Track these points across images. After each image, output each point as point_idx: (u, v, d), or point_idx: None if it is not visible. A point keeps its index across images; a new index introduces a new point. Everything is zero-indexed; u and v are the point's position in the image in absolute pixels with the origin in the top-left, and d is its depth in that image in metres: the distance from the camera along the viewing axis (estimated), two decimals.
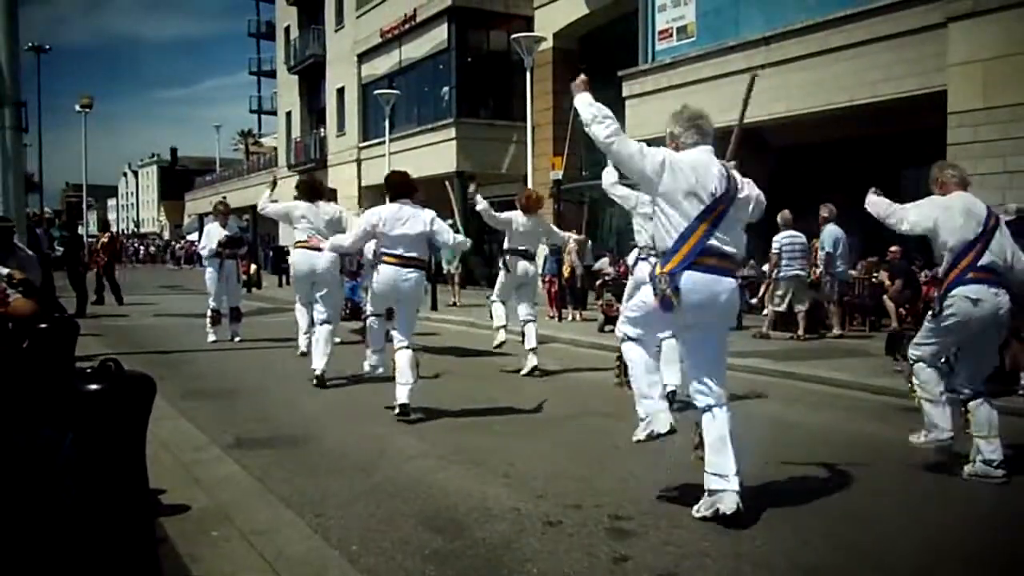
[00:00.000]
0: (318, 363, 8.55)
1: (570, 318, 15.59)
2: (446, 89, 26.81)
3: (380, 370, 7.86)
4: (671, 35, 17.61)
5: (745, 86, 5.75)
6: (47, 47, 40.14)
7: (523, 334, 9.46)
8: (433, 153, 26.30)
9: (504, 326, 9.70)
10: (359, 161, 32.35)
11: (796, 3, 14.94)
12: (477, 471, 5.42)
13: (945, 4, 12.21)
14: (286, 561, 3.69)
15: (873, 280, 13.52)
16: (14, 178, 9.59)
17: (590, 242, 15.74)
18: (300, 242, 9.26)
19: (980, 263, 5.27)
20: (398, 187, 7.37)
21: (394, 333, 7.18)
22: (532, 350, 9.38)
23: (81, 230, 29.74)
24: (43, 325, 4.19)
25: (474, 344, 10.49)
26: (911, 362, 5.68)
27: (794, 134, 16.24)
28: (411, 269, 7.07)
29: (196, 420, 6.74)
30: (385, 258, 7.08)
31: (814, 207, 12.90)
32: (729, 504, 4.25)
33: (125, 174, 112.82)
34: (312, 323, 9.27)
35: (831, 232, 12.43)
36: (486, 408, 7.41)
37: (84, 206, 51.06)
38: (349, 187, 32.40)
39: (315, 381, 8.45)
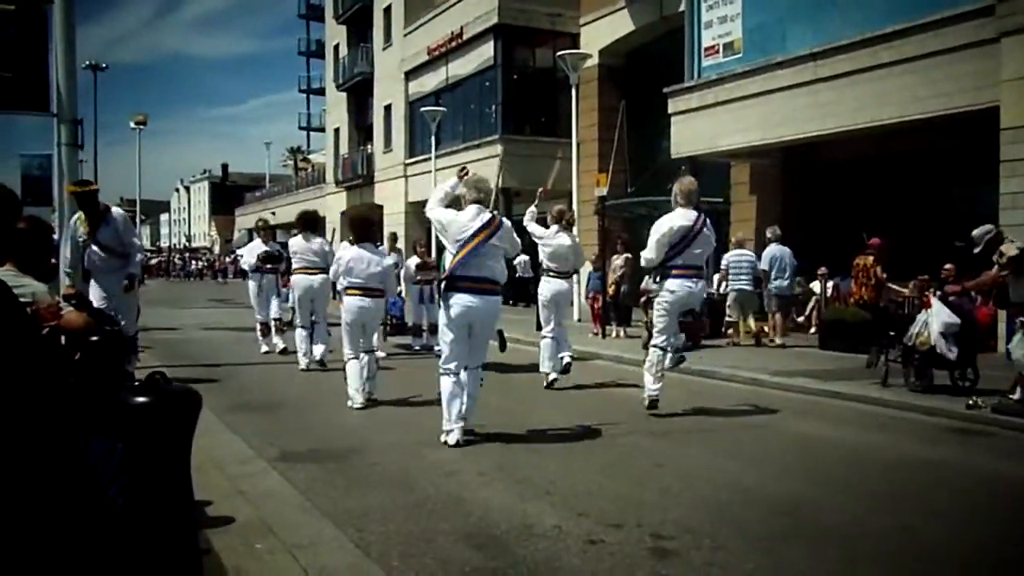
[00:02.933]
0: (317, 353, 11.19)
1: (614, 335, 15.52)
2: (494, 107, 26.95)
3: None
4: (717, 51, 17.52)
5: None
6: (104, 65, 41.09)
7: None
8: (479, 169, 26.28)
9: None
10: (406, 177, 32.62)
11: (843, 19, 14.77)
12: (518, 488, 5.41)
13: (998, 19, 12.00)
14: (328, 575, 3.71)
15: (925, 299, 13.25)
16: (70, 194, 9.80)
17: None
18: (298, 268, 11.25)
19: None
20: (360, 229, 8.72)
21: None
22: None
23: None
24: (94, 338, 4.27)
25: (514, 359, 10.48)
26: None
27: (844, 149, 16.06)
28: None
29: (242, 433, 6.82)
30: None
31: (863, 222, 12.77)
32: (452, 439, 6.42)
33: (177, 190, 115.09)
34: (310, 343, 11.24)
35: (769, 252, 14.10)
36: (527, 425, 7.40)
37: (138, 221, 52.06)
38: (395, 203, 32.69)
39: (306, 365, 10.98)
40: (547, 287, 9.85)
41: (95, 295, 8.66)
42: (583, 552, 4.20)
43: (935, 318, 8.50)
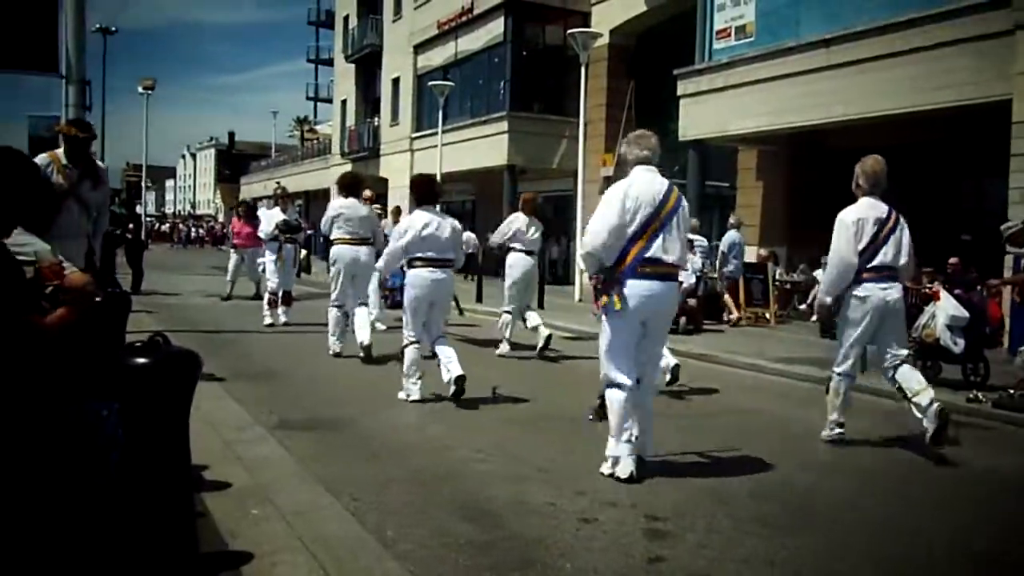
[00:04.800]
0: (365, 337, 9.30)
1: None
2: (502, 84, 26.82)
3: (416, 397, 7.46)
4: (729, 34, 17.40)
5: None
6: (114, 29, 40.90)
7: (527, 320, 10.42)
8: (485, 146, 26.34)
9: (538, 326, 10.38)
10: (412, 151, 32.52)
11: (857, 6, 14.65)
12: (514, 465, 5.42)
13: (1014, 11, 11.89)
14: (323, 543, 3.72)
15: (927, 291, 13.24)
16: None
17: None
18: (339, 238, 9.75)
19: None
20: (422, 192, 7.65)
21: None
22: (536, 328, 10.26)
23: (139, 209, 30.29)
24: (97, 299, 4.26)
25: (515, 338, 10.49)
26: None
27: (853, 138, 15.96)
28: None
29: (240, 400, 6.83)
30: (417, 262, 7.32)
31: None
32: (624, 469, 4.98)
33: (184, 156, 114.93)
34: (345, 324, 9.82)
35: (729, 236, 15.47)
36: (524, 403, 7.41)
37: (144, 186, 52.01)
38: (401, 177, 32.58)
39: (363, 354, 9.24)
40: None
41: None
42: (577, 530, 4.21)
43: (942, 311, 8.47)
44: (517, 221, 10.47)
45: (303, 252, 25.54)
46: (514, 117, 25.88)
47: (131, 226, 17.86)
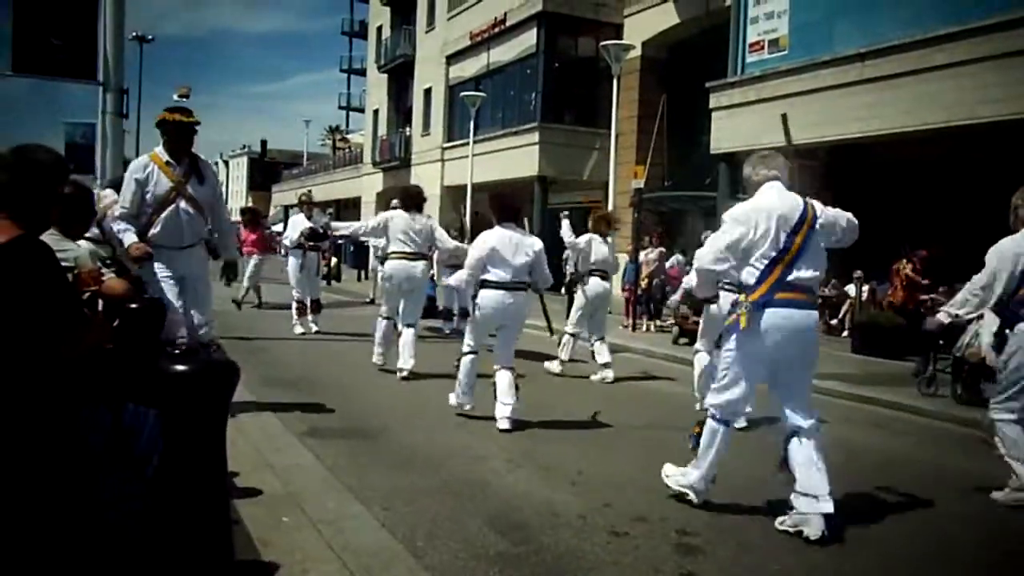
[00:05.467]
0: (408, 363, 8.78)
1: (644, 328, 15.46)
2: (534, 95, 26.87)
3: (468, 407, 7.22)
4: (762, 47, 17.31)
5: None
6: (150, 37, 41.43)
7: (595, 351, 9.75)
8: (516, 156, 26.39)
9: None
10: (443, 161, 32.64)
11: (892, 19, 14.52)
12: (545, 476, 5.41)
13: None
14: (353, 552, 3.73)
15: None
16: (112, 162, 9.87)
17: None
18: (396, 252, 9.15)
19: None
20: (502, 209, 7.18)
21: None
22: (606, 365, 9.61)
23: None
24: (134, 305, 4.32)
25: (546, 349, 10.46)
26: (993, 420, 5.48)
27: (890, 152, 15.82)
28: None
29: (272, 407, 6.87)
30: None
31: (908, 224, 12.56)
32: (815, 529, 4.28)
33: (216, 163, 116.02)
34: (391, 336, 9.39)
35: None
36: (556, 414, 7.39)
37: None
38: (432, 186, 32.68)
39: (400, 376, 8.78)
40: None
41: (161, 275, 6.00)
42: (607, 543, 4.19)
43: (987, 329, 8.32)
44: (592, 242, 9.91)
45: (333, 260, 25.75)
46: (545, 128, 25.91)
47: None
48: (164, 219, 6.04)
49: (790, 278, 4.52)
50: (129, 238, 5.86)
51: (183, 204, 6.05)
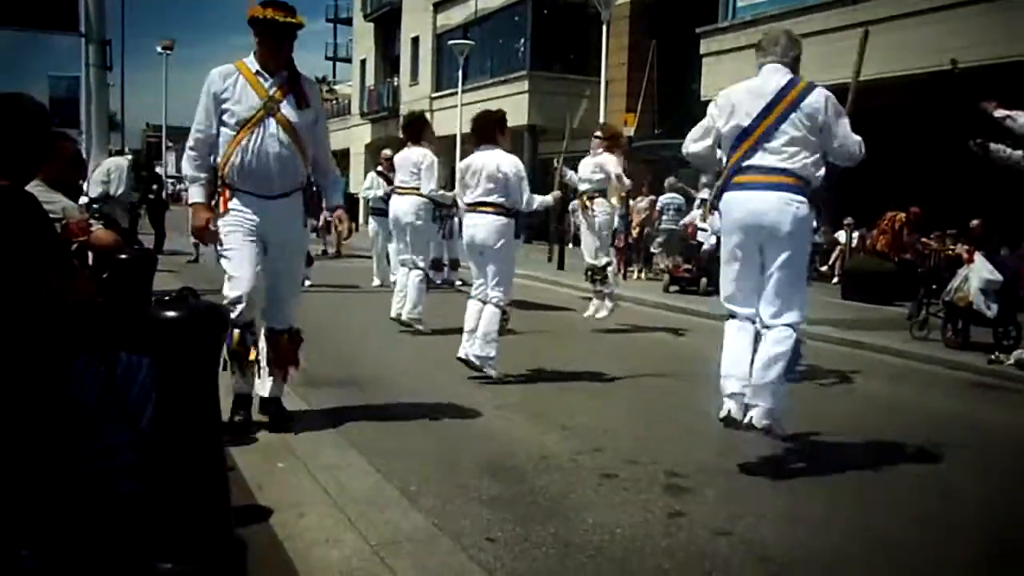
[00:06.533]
0: (405, 310, 8.66)
1: (635, 276, 15.50)
2: (522, 42, 26.60)
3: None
4: None
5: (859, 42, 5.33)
6: None
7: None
8: (505, 105, 26.05)
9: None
10: (431, 111, 32.36)
11: None
12: (537, 422, 5.47)
13: None
14: (348, 496, 3.78)
15: (950, 253, 13.16)
16: (97, 116, 9.81)
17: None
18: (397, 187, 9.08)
19: None
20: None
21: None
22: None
23: (159, 170, 30.35)
24: (123, 256, 4.32)
25: (535, 298, 10.51)
26: None
27: (877, 98, 15.68)
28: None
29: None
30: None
31: (896, 172, 12.56)
32: (725, 409, 4.48)
33: None
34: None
35: (664, 198, 15.81)
36: (547, 363, 7.44)
37: (164, 147, 52.07)
38: None
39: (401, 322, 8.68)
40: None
41: (232, 226, 4.59)
42: (598, 485, 4.25)
43: (975, 274, 8.38)
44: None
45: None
46: (535, 76, 25.73)
47: (155, 187, 17.91)
48: (244, 150, 4.50)
49: (750, 161, 4.41)
50: (195, 194, 4.63)
51: (273, 129, 4.52)
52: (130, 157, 14.49)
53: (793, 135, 4.39)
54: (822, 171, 4.48)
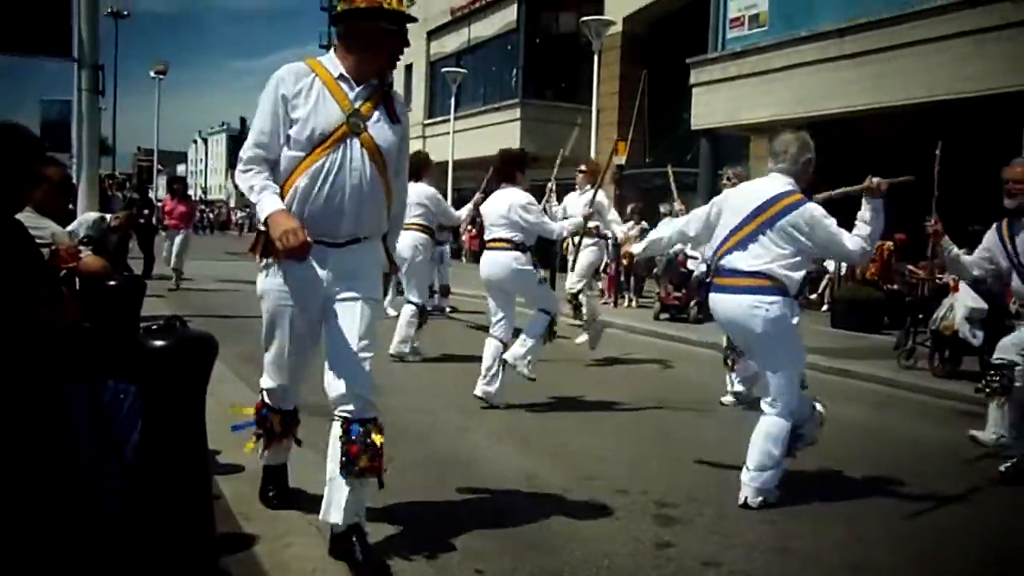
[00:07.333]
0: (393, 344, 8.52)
1: (626, 304, 15.52)
2: (515, 71, 26.78)
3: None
4: (743, 23, 17.29)
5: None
6: (126, 13, 41.03)
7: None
8: (497, 133, 26.32)
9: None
10: (424, 138, 32.50)
11: None
12: (527, 450, 5.45)
13: None
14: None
15: (936, 281, 13.22)
16: (89, 140, 9.81)
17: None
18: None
19: None
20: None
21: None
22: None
23: (151, 194, 30.35)
24: (111, 283, 4.31)
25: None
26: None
27: (870, 128, 15.86)
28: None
29: (254, 384, 6.83)
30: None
31: (891, 199, 12.59)
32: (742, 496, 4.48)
33: (195, 141, 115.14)
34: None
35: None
36: (538, 390, 7.42)
37: (155, 171, 52.07)
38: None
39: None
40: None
41: (277, 291, 3.58)
42: (587, 515, 4.24)
43: (960, 303, 8.41)
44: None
45: None
46: (527, 104, 25.85)
47: (146, 211, 17.88)
48: (314, 178, 3.37)
49: (729, 260, 4.59)
50: (270, 203, 3.29)
51: (356, 153, 3.40)
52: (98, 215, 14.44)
53: (771, 240, 4.53)
54: (801, 272, 4.60)
